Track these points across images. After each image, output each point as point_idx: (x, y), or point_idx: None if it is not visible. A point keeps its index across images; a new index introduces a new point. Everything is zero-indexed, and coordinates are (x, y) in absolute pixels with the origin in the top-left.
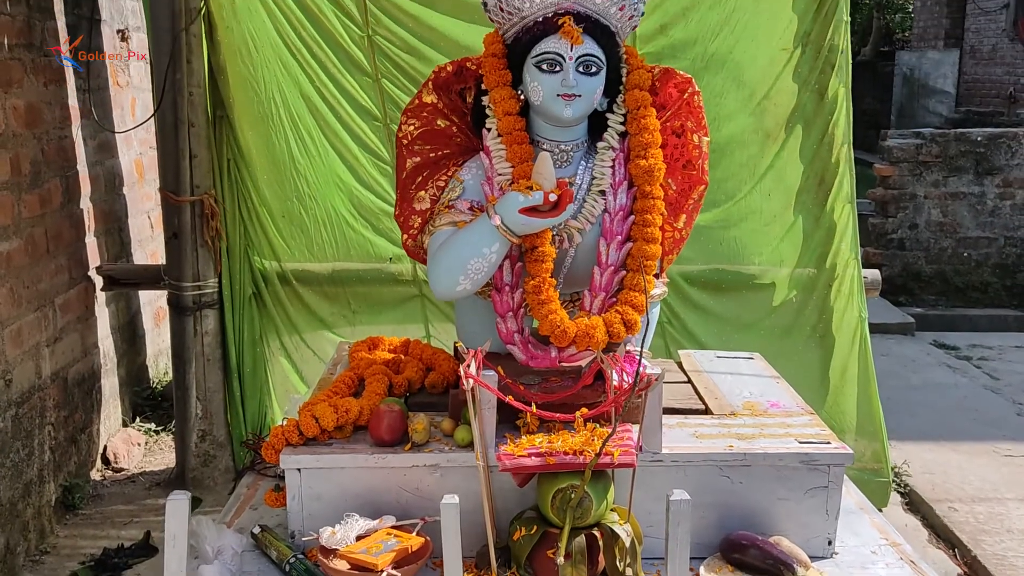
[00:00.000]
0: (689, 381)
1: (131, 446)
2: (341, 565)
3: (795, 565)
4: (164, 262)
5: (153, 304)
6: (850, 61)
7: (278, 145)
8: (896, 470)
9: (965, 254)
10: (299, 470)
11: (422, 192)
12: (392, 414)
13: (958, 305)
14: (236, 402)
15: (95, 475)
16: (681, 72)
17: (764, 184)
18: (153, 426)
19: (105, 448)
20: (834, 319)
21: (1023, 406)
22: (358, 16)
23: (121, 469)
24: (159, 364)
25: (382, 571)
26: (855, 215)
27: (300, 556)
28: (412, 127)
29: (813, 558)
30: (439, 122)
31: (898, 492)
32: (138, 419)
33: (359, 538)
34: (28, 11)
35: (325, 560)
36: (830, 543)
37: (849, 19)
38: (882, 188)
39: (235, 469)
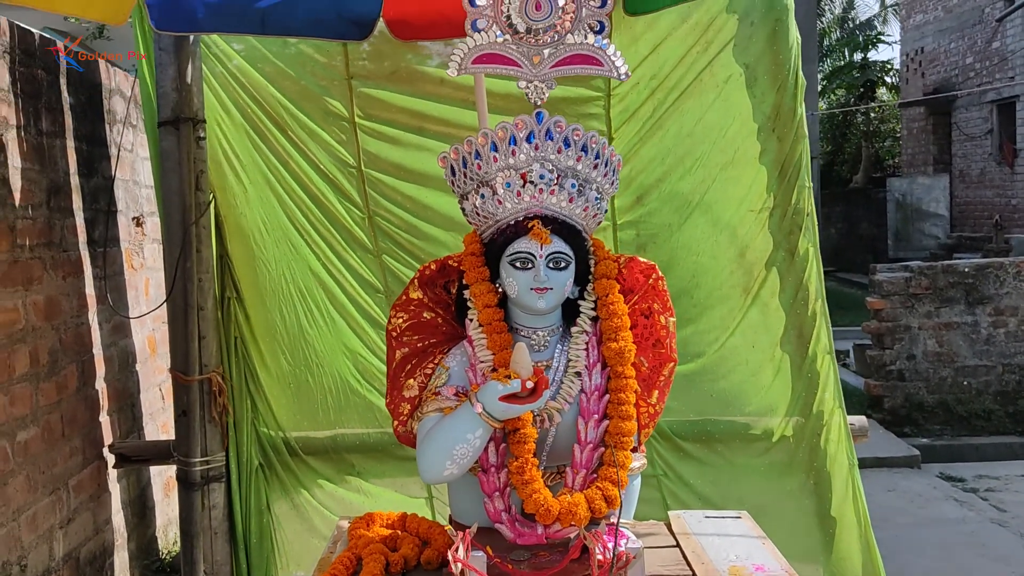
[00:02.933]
0: (677, 545)
1: None
2: None
3: None
4: (174, 437)
5: (163, 474)
6: (816, 223)
7: (288, 318)
8: None
9: (965, 383)
10: None
11: (411, 380)
12: None
13: (963, 434)
14: (243, 574)
15: None
16: (644, 260)
17: (748, 335)
18: None
19: None
20: (826, 467)
21: None
22: (359, 200)
23: None
24: (168, 535)
25: None
26: (835, 365)
27: None
28: (401, 320)
29: None
30: (425, 315)
31: None
32: None
33: None
34: (49, 212)
35: None
36: None
37: (812, 184)
38: (876, 321)
39: None
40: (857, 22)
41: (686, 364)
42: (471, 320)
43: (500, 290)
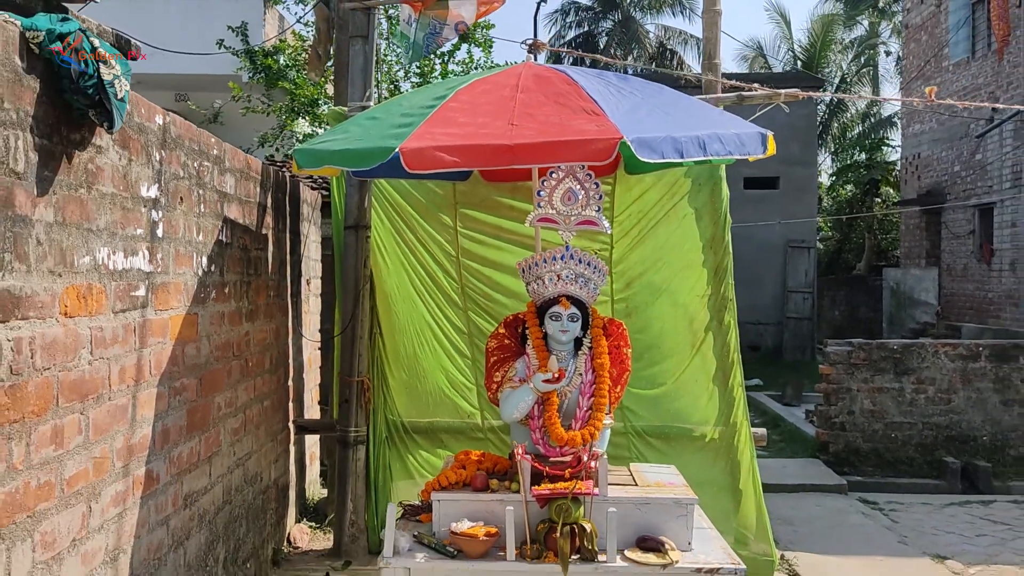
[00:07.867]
0: (631, 475)
1: (303, 534)
2: (463, 535)
3: (668, 549)
4: (326, 419)
5: (309, 449)
6: (736, 306)
7: (407, 347)
8: (787, 560)
9: (893, 435)
10: (439, 501)
11: (497, 374)
12: (482, 476)
13: (890, 475)
14: (372, 504)
15: (284, 548)
16: (618, 320)
17: (693, 374)
18: (314, 524)
19: (289, 533)
20: (737, 458)
21: (906, 537)
22: (456, 276)
23: (298, 548)
24: (310, 489)
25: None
26: (744, 394)
27: (439, 540)
28: (494, 343)
29: (681, 551)
30: (506, 341)
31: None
32: (304, 519)
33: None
34: (278, 277)
35: (456, 536)
36: (689, 543)
37: (733, 281)
38: (825, 383)
39: (368, 548)
40: (879, 117)
41: (653, 390)
42: (528, 345)
43: (543, 330)
